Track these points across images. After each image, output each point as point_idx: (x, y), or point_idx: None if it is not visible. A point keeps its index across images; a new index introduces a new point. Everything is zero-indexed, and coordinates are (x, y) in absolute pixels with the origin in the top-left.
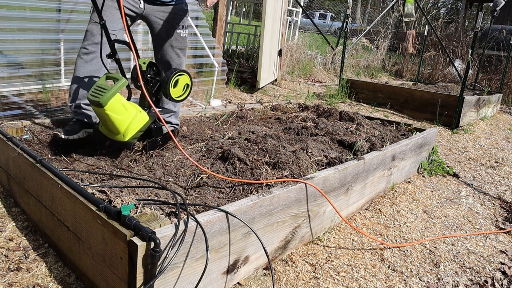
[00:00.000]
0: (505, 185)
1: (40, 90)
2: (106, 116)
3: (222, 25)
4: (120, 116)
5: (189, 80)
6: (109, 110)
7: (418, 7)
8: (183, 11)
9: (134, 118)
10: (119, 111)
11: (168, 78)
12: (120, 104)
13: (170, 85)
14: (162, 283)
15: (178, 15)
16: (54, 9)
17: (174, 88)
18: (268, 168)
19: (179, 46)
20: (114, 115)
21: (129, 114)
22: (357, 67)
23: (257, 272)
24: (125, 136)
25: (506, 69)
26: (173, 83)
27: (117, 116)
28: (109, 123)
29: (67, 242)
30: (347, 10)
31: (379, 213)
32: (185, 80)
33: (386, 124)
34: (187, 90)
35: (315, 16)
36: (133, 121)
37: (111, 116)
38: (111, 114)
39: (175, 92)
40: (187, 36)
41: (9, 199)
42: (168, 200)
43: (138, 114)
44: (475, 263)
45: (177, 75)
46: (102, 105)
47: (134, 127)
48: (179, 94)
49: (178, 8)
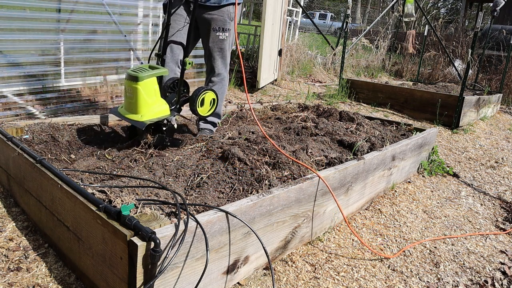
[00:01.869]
0: (505, 185)
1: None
2: (135, 92)
3: None
4: (147, 97)
5: (214, 95)
6: (141, 87)
7: (418, 7)
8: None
9: (157, 105)
10: (149, 92)
11: (195, 97)
12: (152, 86)
13: (197, 105)
14: (162, 283)
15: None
16: (54, 9)
17: (201, 107)
18: (268, 168)
19: (219, 47)
20: (143, 94)
21: (155, 100)
22: (357, 67)
23: (257, 272)
24: (143, 117)
25: (506, 69)
26: (200, 103)
27: (145, 96)
28: (134, 101)
29: (67, 242)
30: (347, 10)
31: (379, 213)
32: (210, 96)
33: (386, 124)
34: (214, 105)
35: (315, 16)
36: (155, 107)
37: (140, 94)
38: (141, 92)
39: (202, 111)
40: (225, 39)
41: (9, 199)
42: (168, 200)
43: (163, 104)
44: (475, 263)
45: (202, 94)
46: (139, 79)
47: (154, 113)
48: (207, 110)
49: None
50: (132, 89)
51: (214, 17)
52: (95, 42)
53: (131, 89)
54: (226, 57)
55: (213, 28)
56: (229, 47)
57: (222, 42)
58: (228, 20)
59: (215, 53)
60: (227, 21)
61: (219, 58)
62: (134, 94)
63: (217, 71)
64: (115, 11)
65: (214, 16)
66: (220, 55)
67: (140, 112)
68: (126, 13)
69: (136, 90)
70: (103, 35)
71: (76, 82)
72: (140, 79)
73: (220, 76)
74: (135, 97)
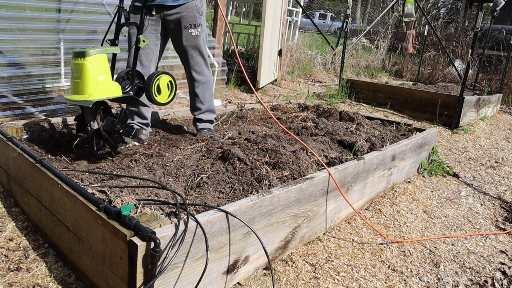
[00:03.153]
0: (505, 185)
1: (41, 90)
2: (82, 69)
3: (222, 25)
4: (96, 74)
5: (169, 77)
6: (90, 62)
7: (418, 7)
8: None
9: (108, 84)
10: (98, 69)
11: (149, 85)
12: (102, 64)
13: (154, 93)
14: (162, 283)
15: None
16: (54, 9)
17: (159, 94)
18: (268, 168)
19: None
20: (92, 71)
21: (105, 79)
22: (357, 67)
23: (257, 272)
24: (90, 96)
25: (506, 69)
26: (155, 90)
27: (94, 73)
28: (80, 80)
29: (67, 242)
30: (347, 10)
31: (379, 213)
32: (165, 80)
33: (386, 124)
34: (172, 88)
35: (315, 16)
36: (105, 86)
37: (88, 71)
38: (89, 69)
39: (162, 98)
40: (199, 35)
41: (9, 199)
42: (168, 200)
43: (113, 84)
44: (475, 263)
45: (156, 80)
46: (86, 54)
47: (103, 92)
48: (167, 96)
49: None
50: (79, 67)
51: (183, 15)
52: (95, 42)
53: (77, 67)
54: (203, 52)
55: (184, 26)
56: (204, 42)
57: (196, 39)
58: (198, 15)
59: (192, 51)
60: (197, 16)
61: (197, 55)
62: (81, 71)
63: (198, 69)
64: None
65: (183, 14)
66: (197, 51)
67: (88, 91)
68: None
69: (83, 66)
70: (103, 35)
71: None
72: (87, 54)
73: (203, 73)
74: (82, 75)
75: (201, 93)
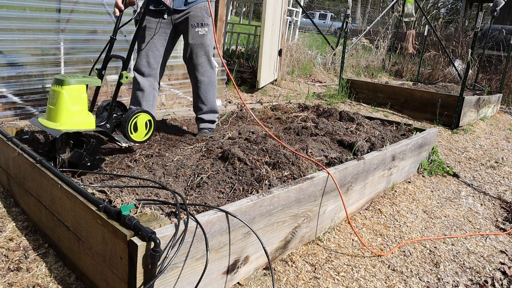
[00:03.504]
0: (505, 185)
1: (41, 90)
2: (58, 97)
3: (222, 25)
4: (71, 104)
5: (148, 116)
6: (67, 92)
7: (418, 7)
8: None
9: (81, 116)
10: (75, 100)
11: (126, 122)
12: (79, 94)
13: (129, 130)
14: (162, 283)
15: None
16: (54, 9)
17: (135, 132)
18: (268, 168)
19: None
20: (68, 100)
21: (80, 110)
22: (357, 67)
23: (257, 272)
24: (61, 125)
25: (506, 69)
26: (132, 128)
27: (69, 103)
28: (56, 108)
29: (67, 242)
30: (347, 10)
31: (379, 213)
32: (143, 119)
33: (386, 124)
34: (150, 128)
35: (315, 16)
36: (79, 118)
37: (64, 100)
38: (65, 98)
39: (137, 136)
40: (205, 34)
41: (9, 199)
42: (168, 200)
43: (88, 117)
44: (475, 263)
45: (134, 118)
46: (64, 83)
47: (74, 123)
48: (143, 135)
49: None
50: (55, 94)
51: (191, 14)
52: (95, 42)
53: (54, 94)
54: (208, 52)
55: (191, 25)
56: (211, 42)
57: (203, 38)
58: (206, 16)
59: (197, 49)
60: (205, 16)
61: (202, 55)
62: (57, 99)
63: (202, 69)
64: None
65: (191, 13)
66: (202, 51)
67: (59, 120)
68: (126, 13)
69: (59, 94)
70: (103, 35)
71: None
72: (65, 83)
73: (207, 74)
74: (57, 102)
75: (203, 94)
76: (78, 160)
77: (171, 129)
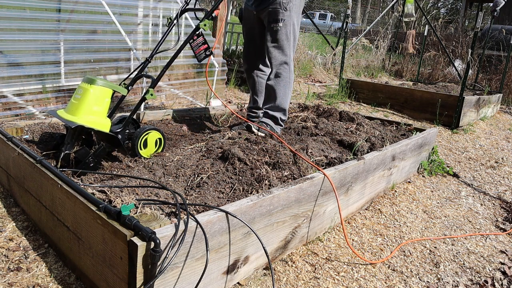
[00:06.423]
0: (505, 185)
1: (41, 90)
2: (85, 94)
3: (222, 25)
4: (93, 104)
5: (159, 135)
6: (94, 91)
7: (418, 7)
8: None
9: (99, 117)
10: (98, 100)
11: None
12: (104, 97)
13: (139, 146)
14: (162, 283)
15: (271, 10)
16: (54, 9)
17: (144, 148)
18: (268, 168)
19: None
20: (92, 99)
21: (99, 111)
22: (357, 67)
23: (257, 272)
24: (78, 119)
25: (506, 69)
26: (142, 144)
27: (92, 102)
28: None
29: (67, 242)
30: (347, 10)
31: (379, 213)
32: (154, 136)
33: (386, 124)
34: (160, 145)
35: (315, 16)
36: (96, 117)
37: (89, 98)
38: (91, 96)
39: (146, 152)
40: (278, 30)
41: (9, 199)
42: (168, 200)
43: (105, 119)
44: (475, 263)
45: (145, 135)
46: (94, 83)
47: (91, 121)
48: (152, 151)
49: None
50: (82, 90)
51: (269, 10)
52: (95, 42)
53: (81, 90)
54: (282, 47)
55: (268, 21)
56: (286, 37)
57: (276, 33)
58: (281, 10)
59: (269, 44)
60: (280, 11)
61: (274, 50)
62: (82, 95)
63: (275, 62)
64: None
65: (269, 9)
66: (274, 46)
67: (78, 115)
68: (126, 13)
69: (86, 91)
70: (103, 35)
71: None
72: (95, 83)
73: (281, 68)
74: (81, 98)
75: (271, 88)
76: (83, 157)
77: (171, 129)
